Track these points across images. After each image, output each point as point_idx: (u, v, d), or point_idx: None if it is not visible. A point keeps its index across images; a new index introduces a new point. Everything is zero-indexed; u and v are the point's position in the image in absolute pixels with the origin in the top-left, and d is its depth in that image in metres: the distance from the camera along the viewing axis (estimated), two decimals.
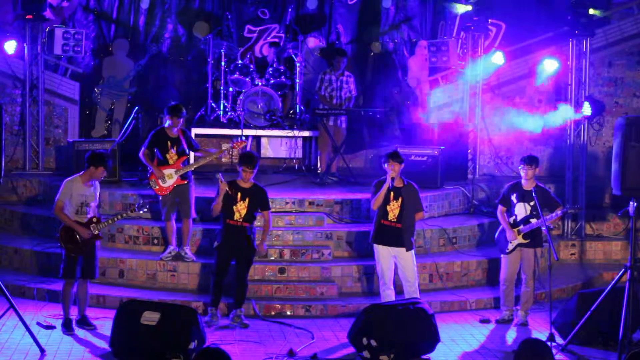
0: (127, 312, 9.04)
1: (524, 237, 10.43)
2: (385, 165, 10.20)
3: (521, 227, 10.42)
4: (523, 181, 10.51)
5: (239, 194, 10.19)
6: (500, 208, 10.67)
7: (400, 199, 10.19)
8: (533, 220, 10.36)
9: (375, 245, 10.32)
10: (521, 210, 10.46)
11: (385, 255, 10.24)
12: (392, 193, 10.19)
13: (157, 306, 9.17)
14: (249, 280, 10.40)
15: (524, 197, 10.45)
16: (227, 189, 10.14)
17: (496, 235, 10.79)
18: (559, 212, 10.29)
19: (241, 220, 10.17)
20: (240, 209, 10.16)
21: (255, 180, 10.45)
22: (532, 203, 10.36)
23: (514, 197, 10.52)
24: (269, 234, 10.90)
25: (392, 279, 10.32)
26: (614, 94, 15.01)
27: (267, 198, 10.45)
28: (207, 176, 13.26)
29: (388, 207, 10.19)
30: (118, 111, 15.25)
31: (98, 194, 9.98)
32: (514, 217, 10.52)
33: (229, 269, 10.28)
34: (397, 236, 10.18)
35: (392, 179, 10.15)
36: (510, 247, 10.49)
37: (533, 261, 10.46)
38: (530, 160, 10.44)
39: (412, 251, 10.26)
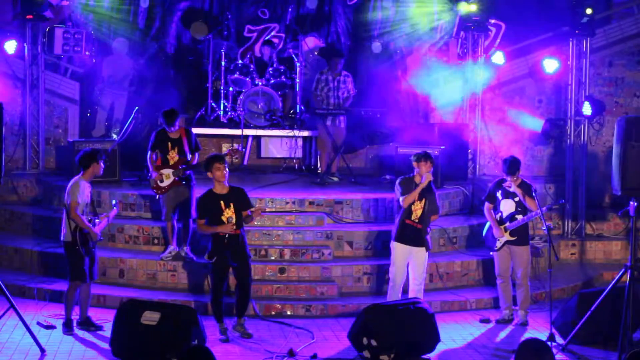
0: (127, 312, 9.04)
1: (511, 234, 10.45)
2: (416, 164, 10.19)
3: (507, 224, 10.44)
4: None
5: (222, 202, 9.71)
6: (486, 205, 10.69)
7: (424, 200, 10.22)
8: (519, 217, 10.38)
9: (395, 244, 10.28)
10: (506, 206, 10.49)
11: (402, 257, 10.24)
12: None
13: (157, 306, 9.17)
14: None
15: (508, 193, 10.47)
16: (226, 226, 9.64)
17: (484, 233, 10.81)
18: (544, 208, 10.25)
19: (233, 228, 9.74)
20: (228, 216, 9.69)
21: (241, 180, 10.26)
22: (516, 199, 10.39)
23: (499, 194, 10.55)
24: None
25: (403, 284, 10.33)
26: (614, 94, 15.01)
27: (248, 196, 9.99)
28: (207, 176, 13.25)
29: (413, 207, 10.21)
30: (118, 111, 15.24)
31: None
32: (499, 213, 10.54)
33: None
34: (417, 236, 10.22)
35: (429, 180, 10.16)
36: (498, 244, 10.52)
37: (525, 259, 10.47)
38: (512, 169, 10.38)
39: (428, 252, 10.33)
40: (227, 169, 9.81)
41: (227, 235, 9.67)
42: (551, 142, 15.00)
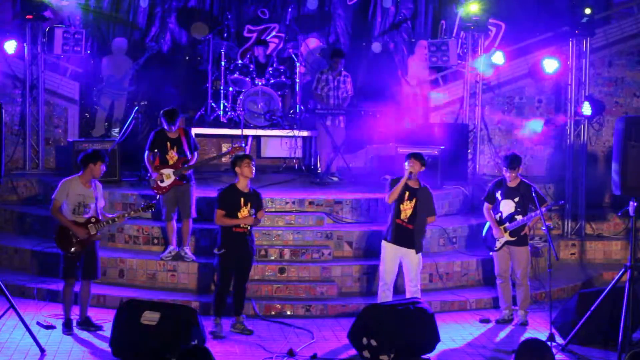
0: (127, 312, 9.04)
1: (511, 235, 10.44)
2: (407, 162, 10.18)
3: (507, 224, 10.43)
4: (507, 178, 10.52)
5: (242, 199, 9.88)
6: (486, 205, 10.68)
7: (414, 200, 10.18)
8: (518, 217, 10.38)
9: (385, 244, 10.27)
10: (506, 207, 10.48)
11: (392, 256, 10.21)
12: (407, 193, 10.19)
13: (157, 306, 9.17)
14: (249, 280, 10.36)
15: (508, 193, 10.47)
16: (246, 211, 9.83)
17: (483, 233, 10.80)
18: (543, 208, 10.21)
19: (248, 226, 9.93)
20: (245, 215, 9.83)
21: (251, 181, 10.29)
22: (516, 199, 10.39)
23: (498, 194, 10.54)
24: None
25: (394, 281, 10.31)
26: (614, 94, 15.01)
27: (262, 201, 10.21)
28: (207, 176, 13.27)
29: (401, 207, 10.17)
30: (118, 111, 15.25)
31: (101, 194, 9.95)
32: (499, 214, 10.53)
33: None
34: (407, 236, 10.17)
35: (410, 173, 10.11)
36: (498, 245, 10.51)
37: (524, 259, 10.47)
38: (513, 164, 10.39)
39: (420, 254, 10.26)
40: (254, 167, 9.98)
41: (245, 231, 9.82)
42: (551, 142, 15.00)
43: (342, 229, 11.95)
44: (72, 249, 9.62)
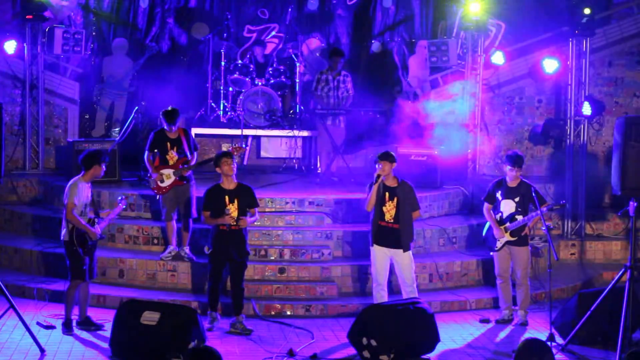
0: (127, 312, 9.05)
1: (511, 235, 10.43)
2: (376, 165, 10.17)
3: (507, 224, 10.42)
4: (507, 178, 10.51)
5: (227, 197, 9.91)
6: (486, 205, 10.65)
7: (395, 199, 10.10)
8: (519, 217, 10.37)
9: (373, 248, 10.21)
10: (507, 207, 10.46)
11: (381, 257, 10.16)
12: (387, 194, 10.13)
13: (157, 306, 9.18)
14: (249, 280, 10.38)
15: (508, 193, 10.45)
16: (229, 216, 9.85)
17: (484, 233, 10.78)
18: (543, 208, 10.17)
19: (234, 223, 9.91)
20: (231, 212, 9.88)
21: (240, 180, 10.28)
22: (517, 199, 10.37)
23: (499, 194, 10.53)
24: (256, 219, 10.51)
25: (387, 279, 10.29)
26: (614, 94, 14.99)
27: (255, 195, 10.15)
28: (207, 176, 13.25)
29: (384, 208, 10.11)
30: (118, 111, 15.25)
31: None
32: (500, 214, 10.52)
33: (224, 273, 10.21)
34: (394, 237, 10.10)
35: (379, 176, 10.06)
36: (499, 245, 10.49)
37: (524, 259, 10.46)
38: (517, 162, 10.38)
39: (410, 252, 10.18)
40: (235, 164, 10.01)
41: (228, 229, 9.82)
42: (551, 142, 15.00)
43: (342, 229, 11.95)
44: (87, 251, 9.65)
